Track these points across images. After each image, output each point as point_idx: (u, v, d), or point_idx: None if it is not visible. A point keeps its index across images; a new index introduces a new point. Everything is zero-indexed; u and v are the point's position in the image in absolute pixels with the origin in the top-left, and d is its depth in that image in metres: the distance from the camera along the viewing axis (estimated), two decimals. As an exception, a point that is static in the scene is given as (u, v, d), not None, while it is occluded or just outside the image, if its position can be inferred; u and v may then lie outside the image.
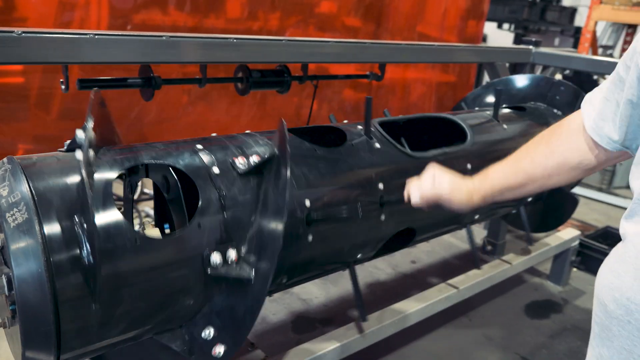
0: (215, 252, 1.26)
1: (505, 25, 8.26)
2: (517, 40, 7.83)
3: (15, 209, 1.06)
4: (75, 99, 3.06)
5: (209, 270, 1.26)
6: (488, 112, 2.33)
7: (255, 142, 1.50)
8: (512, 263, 2.62)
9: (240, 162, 1.38)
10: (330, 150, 1.64)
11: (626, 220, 0.93)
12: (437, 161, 1.69)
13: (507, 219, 2.90)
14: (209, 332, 1.31)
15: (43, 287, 1.04)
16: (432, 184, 1.42)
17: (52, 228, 1.07)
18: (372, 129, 1.82)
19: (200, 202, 1.27)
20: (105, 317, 1.14)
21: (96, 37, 1.60)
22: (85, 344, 1.15)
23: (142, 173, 1.47)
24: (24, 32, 1.44)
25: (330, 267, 1.79)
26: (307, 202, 1.49)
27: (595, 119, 1.07)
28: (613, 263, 0.93)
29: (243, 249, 1.32)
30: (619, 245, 0.95)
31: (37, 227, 1.05)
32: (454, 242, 3.41)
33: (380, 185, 1.70)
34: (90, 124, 1.16)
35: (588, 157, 1.14)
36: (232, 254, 1.29)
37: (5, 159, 1.16)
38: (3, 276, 1.08)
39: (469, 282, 2.36)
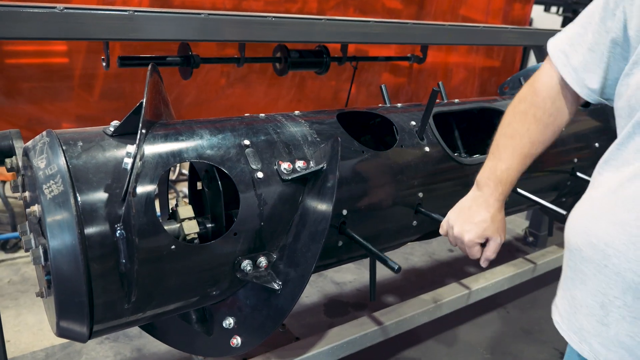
0: (246, 259, 1.27)
1: (553, 9, 7.91)
2: (566, 24, 7.48)
3: (52, 181, 1.07)
4: (117, 79, 3.11)
5: (238, 275, 1.27)
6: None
7: (304, 139, 1.44)
8: (537, 263, 2.49)
9: (285, 168, 1.34)
10: (378, 154, 1.56)
11: (603, 165, 0.96)
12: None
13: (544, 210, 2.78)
14: (229, 323, 1.32)
15: (77, 258, 1.05)
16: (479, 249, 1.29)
17: (87, 201, 1.08)
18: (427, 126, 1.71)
19: (240, 211, 1.25)
20: (137, 293, 1.15)
21: (136, 13, 1.60)
22: (117, 317, 1.17)
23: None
24: (65, 8, 1.45)
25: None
26: (344, 211, 1.45)
27: (578, 71, 1.06)
28: (588, 209, 0.96)
29: (274, 255, 1.32)
30: (591, 191, 0.98)
31: (72, 200, 1.06)
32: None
33: (420, 194, 1.63)
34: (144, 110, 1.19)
35: (572, 112, 1.16)
36: (263, 261, 1.29)
37: (44, 132, 1.18)
38: (40, 247, 1.10)
39: (504, 274, 2.28)
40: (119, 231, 1.09)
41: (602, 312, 0.90)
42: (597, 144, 2.15)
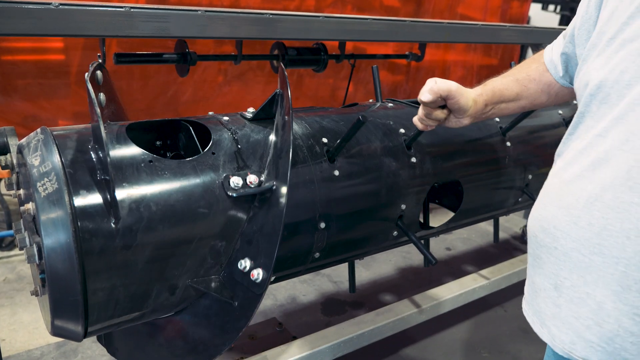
0: (234, 176, 1.25)
1: (551, 7, 7.89)
2: (564, 22, 7.48)
3: (46, 179, 1.06)
4: (113, 76, 3.09)
5: (230, 193, 1.22)
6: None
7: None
8: None
9: (249, 110, 1.41)
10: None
11: (557, 156, 1.02)
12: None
13: None
14: (244, 264, 1.24)
15: (71, 257, 1.04)
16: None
17: (82, 199, 1.06)
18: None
19: (212, 138, 1.28)
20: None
21: (132, 10, 1.58)
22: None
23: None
24: (60, 4, 1.44)
25: None
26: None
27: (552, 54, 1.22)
28: (541, 197, 1.01)
29: (263, 176, 1.29)
30: (545, 182, 1.03)
31: (66, 198, 1.05)
32: (491, 230, 3.31)
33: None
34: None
35: (553, 91, 1.25)
36: (252, 177, 1.26)
37: (38, 130, 1.17)
38: (34, 245, 1.09)
39: (502, 273, 2.28)
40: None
41: (555, 294, 0.94)
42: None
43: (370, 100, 1.85)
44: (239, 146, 1.30)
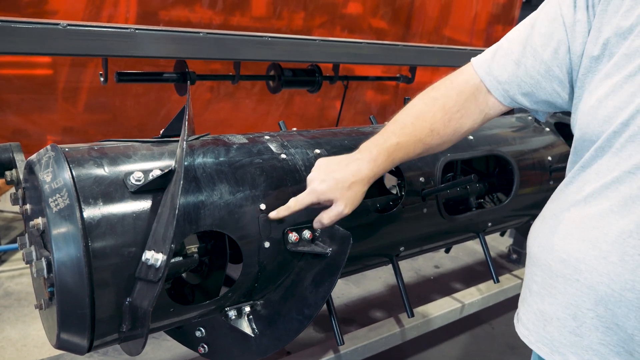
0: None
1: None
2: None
3: (57, 195, 1.09)
4: (101, 93, 3.12)
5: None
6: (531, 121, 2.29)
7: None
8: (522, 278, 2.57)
9: (292, 239, 1.35)
10: (382, 216, 1.60)
11: (567, 185, 1.00)
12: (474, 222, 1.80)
13: (522, 231, 2.85)
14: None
15: (81, 271, 1.06)
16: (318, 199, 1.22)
17: (92, 215, 1.10)
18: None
19: (239, 277, 1.30)
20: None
21: (137, 31, 1.63)
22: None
23: None
24: (69, 25, 1.48)
25: None
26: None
27: (494, 73, 1.12)
28: (554, 227, 0.99)
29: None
30: (554, 209, 1.01)
31: (77, 213, 1.08)
32: (478, 248, 3.37)
33: (402, 248, 1.74)
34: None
35: (478, 120, 1.18)
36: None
37: (49, 147, 1.20)
38: (43, 259, 1.12)
39: (490, 291, 2.34)
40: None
41: (574, 324, 0.94)
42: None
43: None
44: None
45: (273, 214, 1.27)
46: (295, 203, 1.23)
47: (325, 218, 1.22)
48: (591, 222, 0.92)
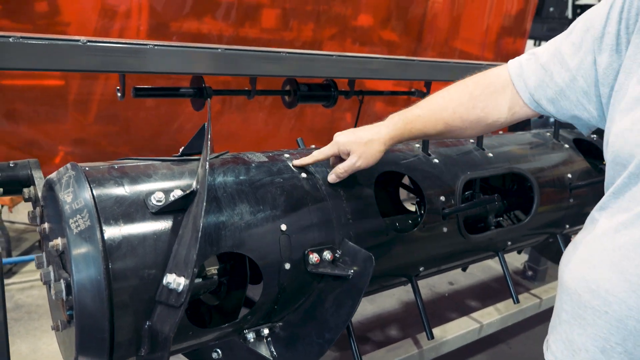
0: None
1: (543, 43, 8.11)
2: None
3: (78, 215, 1.07)
4: (112, 104, 3.13)
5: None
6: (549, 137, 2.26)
7: (338, 219, 1.41)
8: (542, 298, 2.53)
9: (312, 260, 1.33)
10: (402, 236, 1.56)
11: (599, 211, 0.97)
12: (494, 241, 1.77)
13: (538, 248, 2.81)
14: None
15: (101, 294, 1.04)
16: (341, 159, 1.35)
17: (113, 236, 1.08)
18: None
19: (259, 299, 1.28)
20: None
21: (156, 47, 1.62)
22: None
23: None
24: (88, 41, 1.47)
25: None
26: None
27: (525, 76, 1.12)
28: (586, 256, 0.95)
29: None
30: (587, 236, 0.98)
31: (98, 235, 1.06)
32: (493, 264, 3.33)
33: (422, 268, 1.70)
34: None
35: (505, 116, 1.18)
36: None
37: (68, 165, 1.18)
38: (62, 281, 1.10)
39: (508, 310, 2.29)
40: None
41: (602, 357, 0.91)
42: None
43: None
44: None
45: (297, 162, 1.38)
46: (319, 153, 1.34)
47: (340, 168, 1.33)
48: (622, 252, 0.88)
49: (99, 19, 3.20)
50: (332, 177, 1.38)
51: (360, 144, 1.28)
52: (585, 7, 8.03)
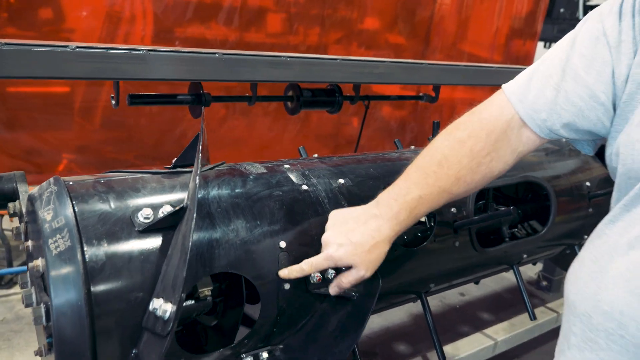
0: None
1: (554, 45, 7.97)
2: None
3: (58, 235, 0.99)
4: (116, 111, 3.07)
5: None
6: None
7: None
8: (559, 312, 2.42)
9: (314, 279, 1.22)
10: (411, 251, 1.47)
11: (608, 225, 0.88)
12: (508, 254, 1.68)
13: (553, 258, 2.69)
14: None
15: (82, 320, 0.96)
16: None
17: (95, 257, 1.00)
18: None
19: (257, 321, 1.19)
20: None
21: (149, 53, 1.55)
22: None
23: None
24: (77, 47, 1.40)
25: None
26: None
27: (531, 101, 1.00)
28: (596, 272, 0.87)
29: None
30: (594, 251, 0.89)
31: (79, 256, 0.98)
32: (505, 274, 3.21)
33: (432, 284, 1.61)
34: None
35: (510, 161, 1.07)
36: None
37: (51, 179, 1.11)
38: (42, 305, 1.02)
39: (524, 326, 2.19)
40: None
41: None
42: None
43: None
44: None
45: (284, 273, 1.15)
46: (310, 267, 1.13)
47: (345, 282, 1.14)
48: (637, 269, 0.80)
49: (103, 25, 3.15)
50: (334, 290, 1.17)
51: (362, 254, 1.09)
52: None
